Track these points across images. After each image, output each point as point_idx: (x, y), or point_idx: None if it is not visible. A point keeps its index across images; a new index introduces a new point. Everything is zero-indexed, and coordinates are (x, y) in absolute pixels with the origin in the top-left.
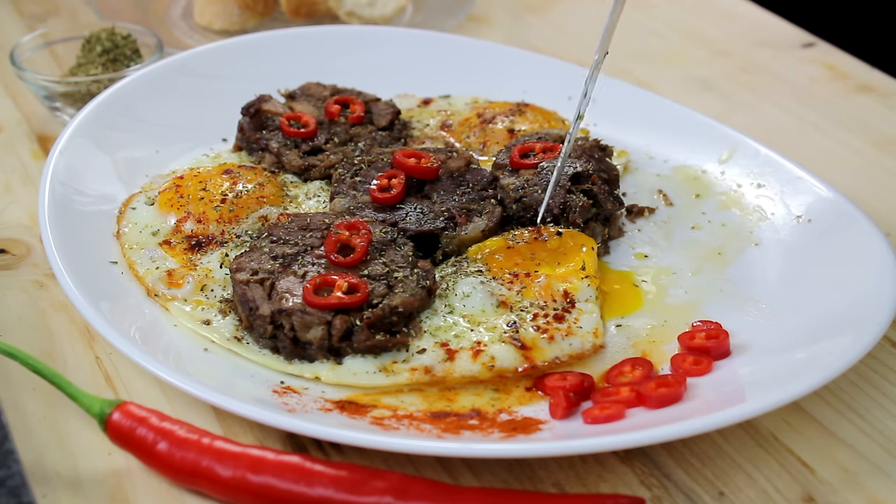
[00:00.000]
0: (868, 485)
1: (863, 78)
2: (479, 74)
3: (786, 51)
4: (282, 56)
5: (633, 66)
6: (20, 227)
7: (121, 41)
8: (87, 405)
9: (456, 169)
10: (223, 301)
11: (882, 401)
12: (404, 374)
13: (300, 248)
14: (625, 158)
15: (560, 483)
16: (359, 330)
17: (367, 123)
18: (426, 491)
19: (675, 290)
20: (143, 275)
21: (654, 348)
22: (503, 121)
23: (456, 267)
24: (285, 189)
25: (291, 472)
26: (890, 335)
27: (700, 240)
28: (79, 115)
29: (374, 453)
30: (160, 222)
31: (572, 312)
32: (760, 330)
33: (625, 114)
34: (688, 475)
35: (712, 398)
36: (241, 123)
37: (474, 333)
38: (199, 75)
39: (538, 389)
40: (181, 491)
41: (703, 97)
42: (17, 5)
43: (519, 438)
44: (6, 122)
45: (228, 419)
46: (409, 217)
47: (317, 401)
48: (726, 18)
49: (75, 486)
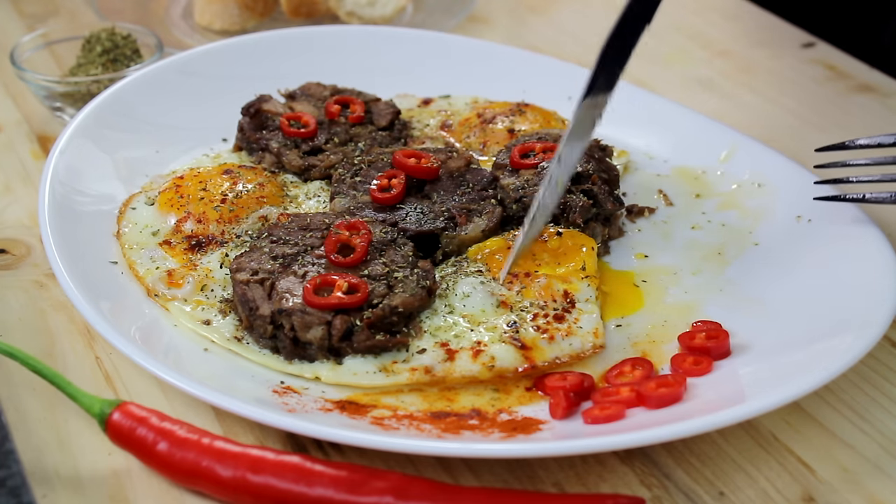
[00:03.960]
0: (868, 485)
1: (863, 78)
2: (479, 74)
3: (786, 51)
4: (282, 56)
5: (633, 66)
6: (20, 227)
7: (121, 41)
8: (87, 405)
9: (456, 169)
10: (223, 301)
11: (882, 401)
12: (404, 374)
13: (300, 248)
14: (625, 158)
15: (560, 483)
16: (359, 330)
17: (367, 123)
18: (426, 491)
19: (675, 290)
20: (143, 275)
21: (654, 348)
22: (503, 121)
23: (456, 267)
24: (285, 189)
25: (291, 472)
26: (890, 335)
27: (700, 240)
28: (79, 115)
29: (374, 453)
30: (160, 222)
31: (572, 312)
32: (760, 330)
33: (625, 114)
34: (688, 475)
35: (712, 398)
36: (241, 123)
37: (474, 333)
38: (199, 75)
39: (538, 389)
40: (181, 491)
41: (703, 97)
42: (17, 5)
43: (519, 438)
44: (6, 122)
45: (228, 419)
46: (409, 217)
47: (317, 401)
48: (726, 18)
49: (75, 486)
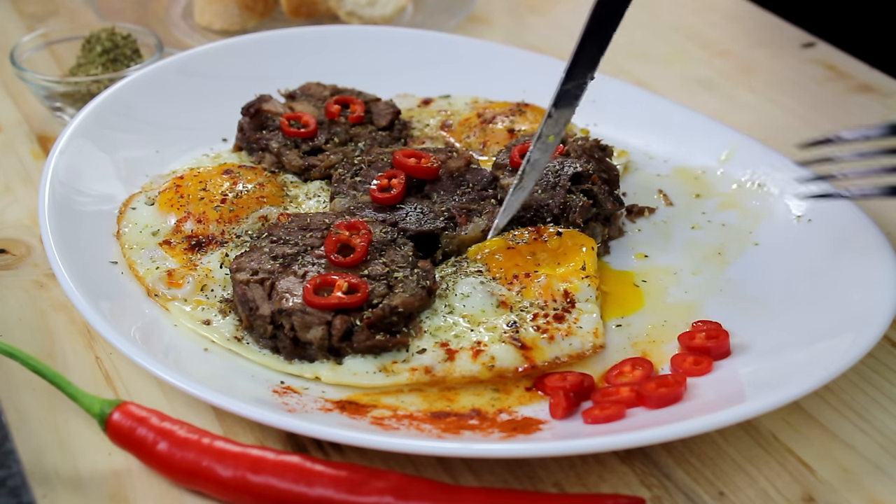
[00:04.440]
0: (868, 485)
1: (863, 78)
2: (479, 74)
3: (786, 51)
4: (282, 56)
5: (633, 66)
6: (20, 227)
7: (121, 41)
8: (87, 405)
9: (456, 169)
10: (223, 301)
11: (882, 401)
12: (404, 374)
13: (300, 248)
14: (625, 158)
15: (560, 483)
16: (359, 330)
17: (367, 123)
18: (426, 491)
19: (675, 290)
20: (143, 275)
21: (654, 348)
22: (503, 121)
23: (456, 267)
24: (285, 189)
25: (291, 472)
26: (890, 335)
27: (700, 240)
28: (79, 115)
29: (374, 453)
30: (160, 222)
31: (572, 312)
32: (760, 330)
33: (625, 114)
34: (688, 475)
35: (712, 398)
36: (241, 123)
37: (474, 333)
38: (199, 75)
39: (538, 389)
40: (181, 491)
41: (703, 97)
42: (17, 5)
43: (519, 438)
44: (6, 122)
45: (228, 419)
46: (409, 217)
47: (317, 401)
48: (726, 18)
49: (75, 486)
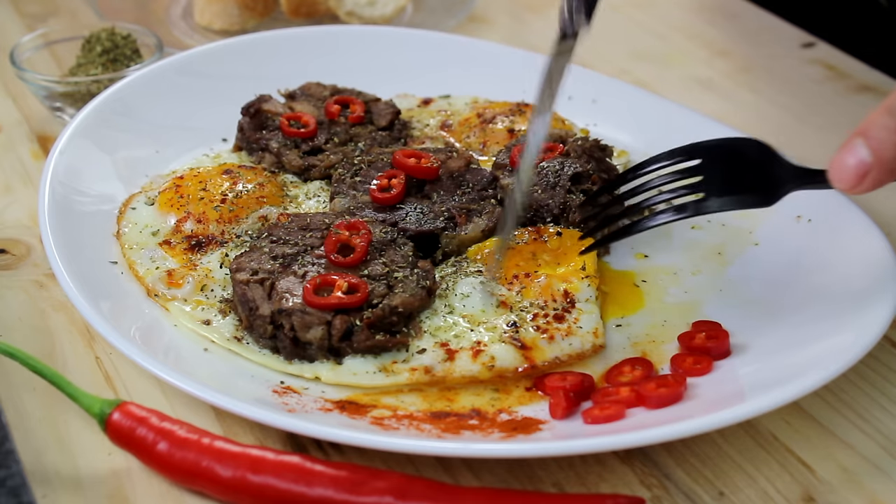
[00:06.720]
0: (868, 485)
1: (863, 78)
2: (479, 74)
3: (786, 51)
4: (282, 56)
5: (633, 66)
6: (20, 227)
7: (121, 41)
8: (87, 405)
9: (456, 169)
10: (223, 301)
11: (882, 401)
12: (404, 374)
13: (300, 248)
14: (625, 158)
15: (560, 483)
16: (359, 330)
17: (367, 123)
18: (426, 491)
19: (675, 290)
20: (143, 275)
21: (654, 348)
22: (503, 121)
23: (456, 267)
24: (285, 189)
25: (291, 472)
26: (890, 335)
27: (700, 240)
28: (79, 115)
29: (374, 453)
30: (160, 222)
31: (572, 312)
32: (760, 330)
33: (625, 114)
34: (688, 475)
35: (712, 398)
36: (241, 123)
37: (474, 333)
38: (199, 75)
39: (538, 389)
40: (181, 491)
41: (704, 97)
42: (17, 5)
43: (519, 438)
44: (6, 122)
45: (228, 419)
46: (409, 217)
47: (317, 401)
48: (726, 18)
49: (75, 486)
